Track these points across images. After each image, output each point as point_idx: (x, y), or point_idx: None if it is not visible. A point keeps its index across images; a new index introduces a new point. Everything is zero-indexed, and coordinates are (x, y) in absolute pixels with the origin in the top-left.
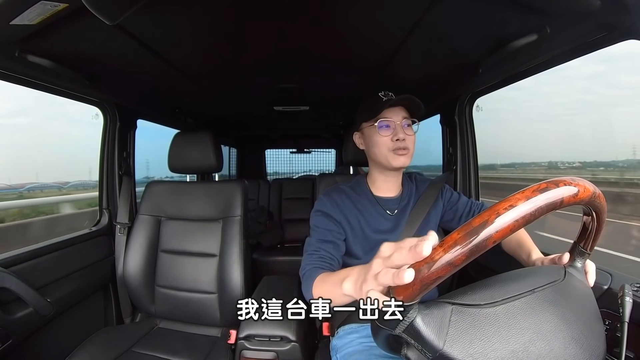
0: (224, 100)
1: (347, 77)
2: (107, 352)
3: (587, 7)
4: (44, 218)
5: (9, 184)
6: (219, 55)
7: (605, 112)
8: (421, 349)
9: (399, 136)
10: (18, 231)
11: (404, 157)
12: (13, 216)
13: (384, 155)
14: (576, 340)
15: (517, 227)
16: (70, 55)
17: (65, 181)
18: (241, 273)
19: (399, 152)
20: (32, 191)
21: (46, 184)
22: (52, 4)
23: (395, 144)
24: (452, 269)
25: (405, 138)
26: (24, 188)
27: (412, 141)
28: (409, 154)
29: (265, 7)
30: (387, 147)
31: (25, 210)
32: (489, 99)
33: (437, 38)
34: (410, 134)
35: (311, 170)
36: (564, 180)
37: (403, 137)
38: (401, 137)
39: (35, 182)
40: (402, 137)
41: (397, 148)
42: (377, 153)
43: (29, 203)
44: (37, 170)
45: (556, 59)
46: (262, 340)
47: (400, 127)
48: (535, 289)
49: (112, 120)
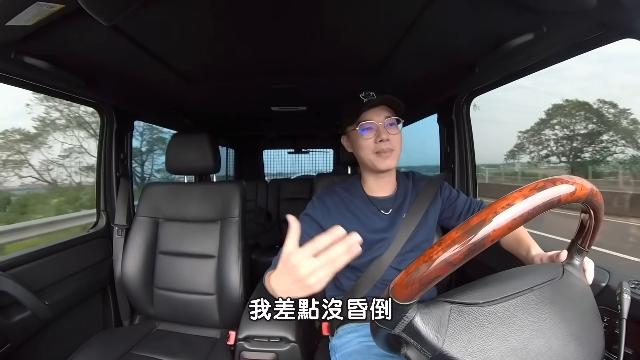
0: (221, 100)
1: (344, 77)
2: (106, 355)
3: (583, 6)
4: None
5: None
6: (216, 56)
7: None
8: (420, 348)
9: (382, 137)
10: None
11: (389, 160)
12: None
13: (368, 158)
14: (575, 337)
15: (515, 226)
16: (67, 57)
17: None
18: (240, 274)
19: (384, 155)
20: None
21: None
22: (48, 5)
23: (379, 146)
24: (451, 267)
25: (389, 138)
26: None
27: (397, 140)
28: (395, 154)
29: (262, 7)
30: (371, 150)
31: None
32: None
33: (433, 37)
34: (394, 132)
35: (311, 170)
36: (561, 179)
37: (387, 138)
38: (384, 137)
39: None
40: (386, 138)
41: (381, 150)
42: (363, 156)
43: None
44: None
45: (553, 58)
46: (261, 341)
47: (382, 127)
48: (533, 287)
49: (109, 122)
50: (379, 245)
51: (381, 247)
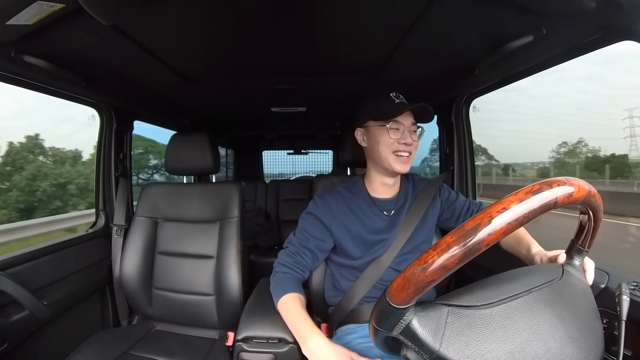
0: (220, 101)
1: (344, 78)
2: (105, 355)
3: (583, 8)
4: None
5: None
6: (216, 56)
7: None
8: (418, 351)
9: (407, 140)
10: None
11: (405, 165)
12: None
13: (386, 156)
14: (573, 339)
15: (511, 230)
16: (67, 56)
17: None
18: (238, 274)
19: (402, 156)
20: None
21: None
22: (49, 4)
23: (400, 147)
24: (446, 272)
25: (411, 143)
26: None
27: (415, 147)
28: (410, 159)
29: (261, 8)
30: (392, 149)
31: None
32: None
33: (433, 39)
34: (415, 140)
35: (311, 171)
36: (558, 181)
37: (410, 142)
38: (409, 141)
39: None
40: (410, 142)
41: (400, 151)
42: (381, 153)
43: None
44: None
45: (552, 60)
46: (260, 342)
47: (408, 132)
48: (532, 289)
49: (109, 122)
50: (379, 246)
51: (381, 248)
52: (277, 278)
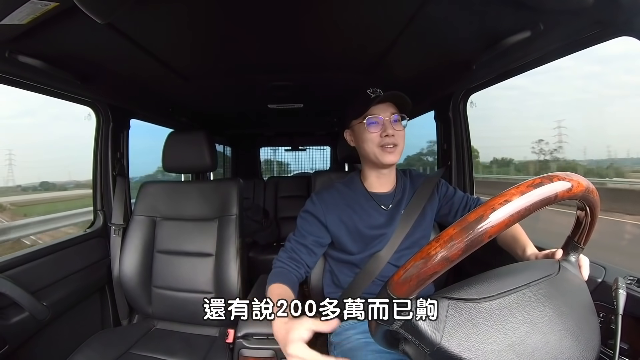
0: (217, 98)
1: (340, 74)
2: (105, 354)
3: (580, 3)
4: None
5: None
6: (212, 54)
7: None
8: (419, 344)
9: (388, 132)
10: None
11: (392, 155)
12: None
13: (372, 152)
14: (571, 332)
15: (512, 222)
16: (62, 55)
17: None
18: (238, 272)
19: (388, 149)
20: None
21: None
22: (43, 3)
23: (384, 140)
24: (448, 264)
25: (394, 134)
26: None
27: (401, 137)
28: (398, 150)
29: (258, 4)
30: (376, 144)
31: None
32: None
33: (430, 35)
34: (399, 129)
35: (312, 168)
36: (558, 176)
37: (392, 133)
38: (390, 133)
39: None
40: (391, 133)
41: (385, 144)
42: (367, 150)
43: None
44: None
45: (550, 56)
46: (260, 339)
47: (389, 123)
48: (530, 283)
49: (105, 121)
50: (378, 241)
51: (380, 243)
52: (270, 274)
